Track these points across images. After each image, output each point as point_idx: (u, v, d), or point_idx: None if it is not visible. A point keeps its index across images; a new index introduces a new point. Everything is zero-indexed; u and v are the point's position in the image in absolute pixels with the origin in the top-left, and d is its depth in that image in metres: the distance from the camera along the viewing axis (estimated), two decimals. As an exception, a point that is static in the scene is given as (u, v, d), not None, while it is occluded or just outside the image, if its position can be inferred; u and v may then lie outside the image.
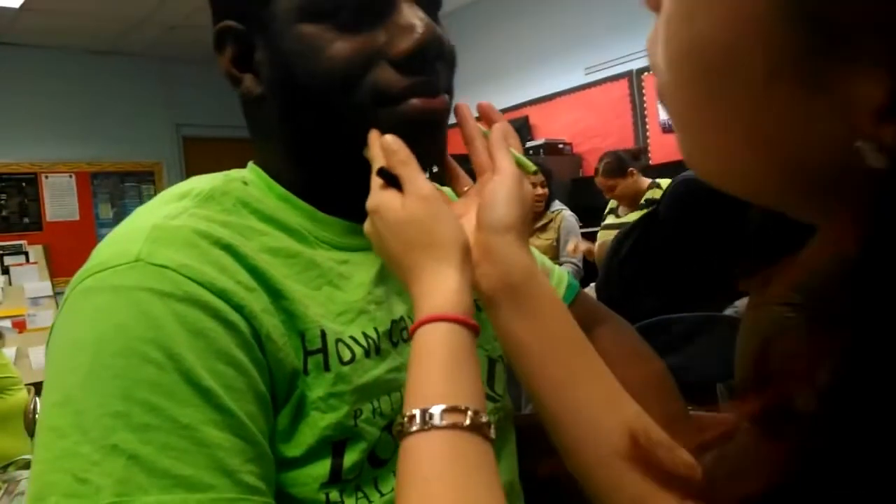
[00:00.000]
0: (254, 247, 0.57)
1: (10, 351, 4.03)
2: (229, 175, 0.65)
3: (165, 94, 6.00)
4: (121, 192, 5.88)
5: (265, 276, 0.56)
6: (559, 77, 4.86)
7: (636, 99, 4.50)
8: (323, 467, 0.55)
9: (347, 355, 0.58)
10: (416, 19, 0.60)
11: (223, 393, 0.49)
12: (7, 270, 5.20)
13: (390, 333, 0.63)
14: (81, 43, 5.43)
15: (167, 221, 0.55)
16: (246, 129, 0.68)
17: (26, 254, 5.33)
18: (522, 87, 5.07)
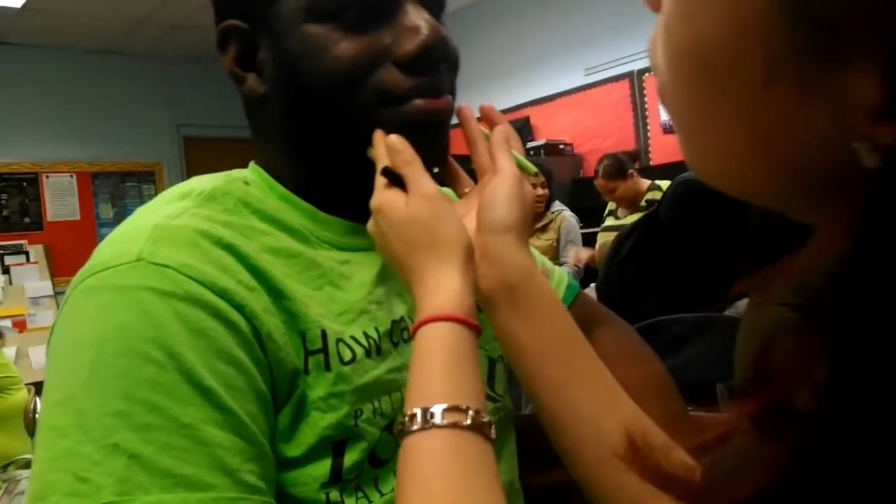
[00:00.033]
0: (255, 247, 0.57)
1: (10, 350, 4.04)
2: (231, 175, 0.65)
3: (166, 94, 6.00)
4: (121, 192, 5.88)
5: (266, 275, 0.56)
6: (560, 78, 4.86)
7: (637, 100, 4.51)
8: (323, 467, 0.55)
9: (348, 355, 0.58)
10: (421, 21, 0.60)
11: (224, 392, 0.49)
12: (7, 270, 5.20)
13: (391, 333, 0.63)
14: (82, 43, 5.44)
15: (169, 221, 0.55)
16: (247, 129, 0.68)
17: (27, 253, 5.33)
18: (523, 87, 5.07)
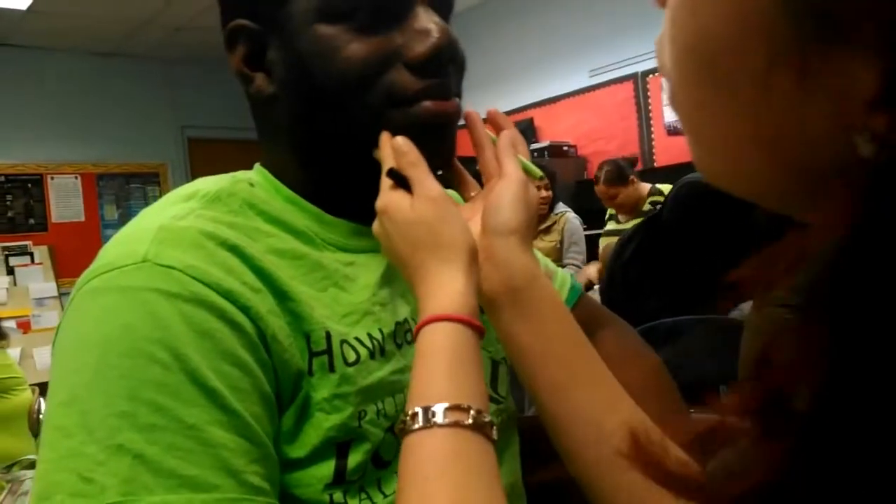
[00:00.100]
0: (260, 248, 0.58)
1: (14, 351, 4.04)
2: (236, 177, 0.66)
3: (170, 95, 6.02)
4: (126, 193, 5.89)
5: (271, 277, 0.56)
6: (564, 79, 4.86)
7: (641, 101, 4.50)
8: (327, 468, 0.55)
9: (352, 356, 0.59)
10: (431, 23, 0.60)
11: (229, 394, 0.49)
12: (12, 271, 5.21)
13: (395, 335, 0.63)
14: (87, 45, 5.45)
15: (174, 222, 0.56)
16: (251, 130, 0.68)
17: (31, 254, 5.34)
18: (527, 89, 5.07)
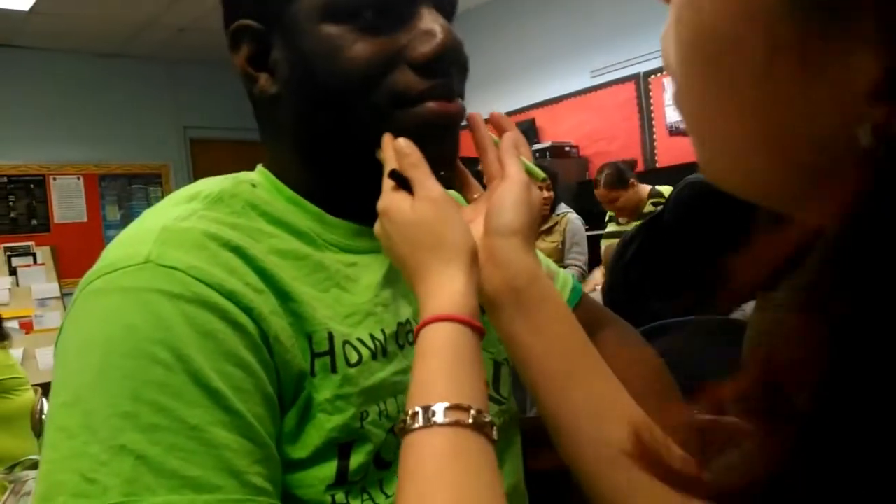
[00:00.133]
0: (262, 249, 0.58)
1: (17, 352, 4.05)
2: (238, 177, 0.66)
3: (173, 96, 6.02)
4: (128, 194, 5.89)
5: (274, 278, 0.56)
6: (566, 80, 4.86)
7: (643, 102, 4.50)
8: (329, 469, 0.55)
9: (354, 357, 0.59)
10: (436, 25, 0.61)
11: (231, 394, 0.49)
12: (15, 271, 5.22)
13: (397, 336, 0.63)
14: (89, 46, 5.46)
15: (176, 223, 0.56)
16: (254, 131, 0.69)
17: (34, 255, 5.35)
18: (529, 89, 5.07)
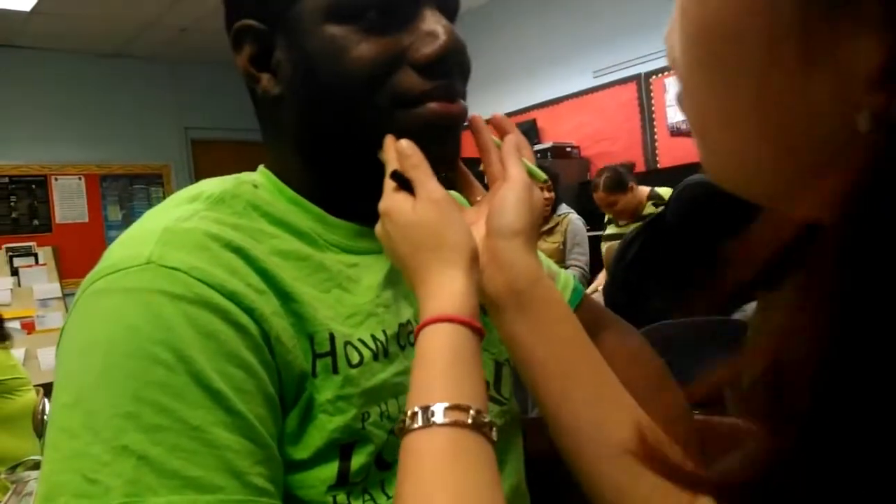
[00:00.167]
0: (264, 249, 0.58)
1: (18, 352, 4.04)
2: (239, 178, 0.66)
3: (174, 96, 6.02)
4: (129, 194, 5.89)
5: (275, 278, 0.56)
6: (567, 80, 4.86)
7: (644, 102, 4.49)
8: (330, 470, 0.56)
9: (356, 358, 0.59)
10: (439, 26, 0.61)
11: (233, 395, 0.49)
12: (16, 272, 5.22)
13: (398, 336, 0.64)
14: (91, 46, 5.46)
15: (178, 224, 0.56)
16: (255, 132, 0.69)
17: (36, 255, 5.35)
18: (530, 90, 5.07)
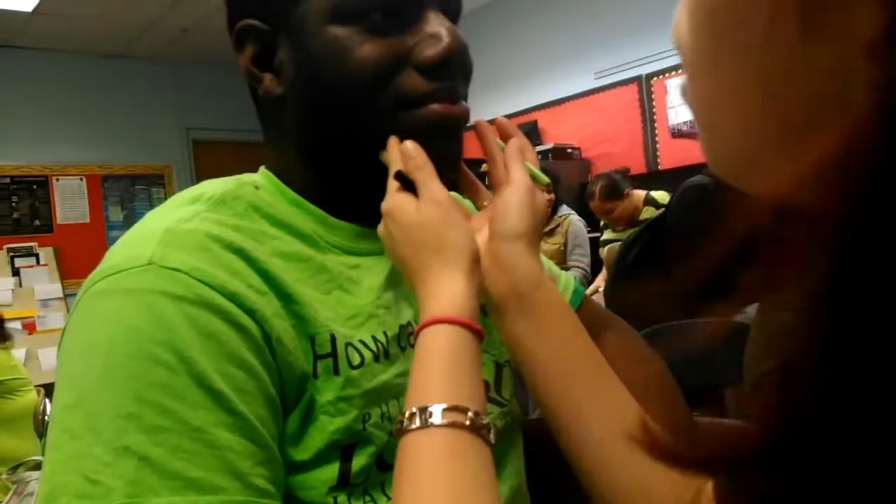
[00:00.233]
0: (265, 251, 0.58)
1: (19, 352, 4.05)
2: (241, 179, 0.66)
3: (176, 97, 6.02)
4: (131, 195, 5.89)
5: (276, 280, 0.56)
6: (568, 81, 4.86)
7: (646, 104, 4.49)
8: (331, 471, 0.56)
9: (357, 359, 0.59)
10: (442, 28, 0.61)
11: (234, 396, 0.49)
12: (18, 272, 5.23)
13: (399, 338, 0.64)
14: (92, 46, 5.46)
15: (179, 225, 0.56)
16: (256, 132, 0.69)
17: (37, 256, 5.35)
18: (531, 91, 5.07)
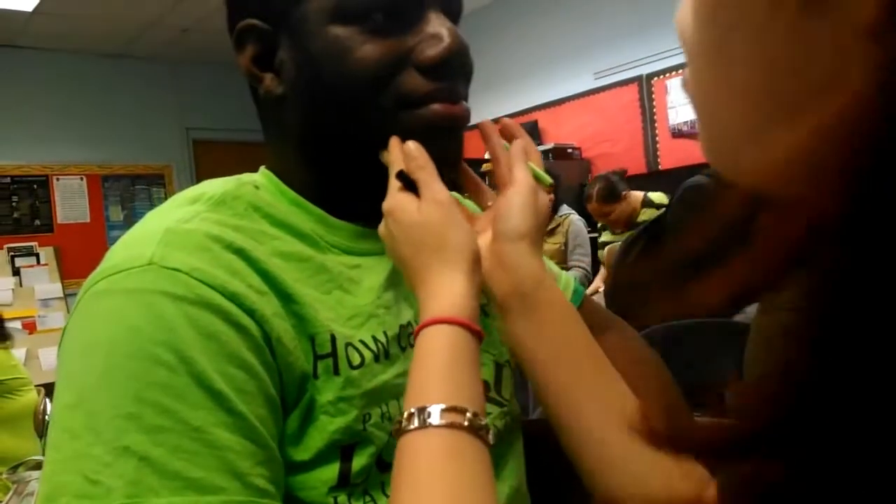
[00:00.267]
0: (265, 251, 0.58)
1: (20, 352, 4.05)
2: (241, 179, 0.66)
3: (176, 97, 6.02)
4: (131, 194, 5.89)
5: (276, 280, 0.56)
6: (568, 81, 4.86)
7: (646, 104, 4.49)
8: (331, 471, 0.56)
9: (357, 359, 0.59)
10: (443, 29, 0.61)
11: (234, 396, 0.49)
12: (18, 272, 5.23)
13: (399, 338, 0.64)
14: (93, 46, 5.46)
15: (180, 225, 0.56)
16: (257, 132, 0.69)
17: (37, 255, 5.35)
18: (532, 91, 5.07)
